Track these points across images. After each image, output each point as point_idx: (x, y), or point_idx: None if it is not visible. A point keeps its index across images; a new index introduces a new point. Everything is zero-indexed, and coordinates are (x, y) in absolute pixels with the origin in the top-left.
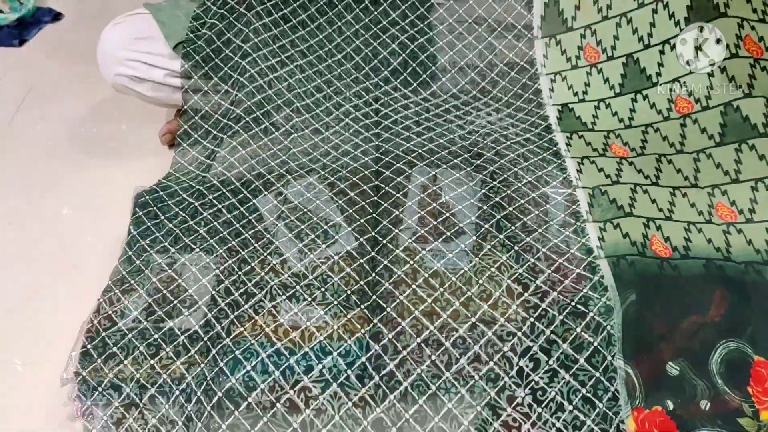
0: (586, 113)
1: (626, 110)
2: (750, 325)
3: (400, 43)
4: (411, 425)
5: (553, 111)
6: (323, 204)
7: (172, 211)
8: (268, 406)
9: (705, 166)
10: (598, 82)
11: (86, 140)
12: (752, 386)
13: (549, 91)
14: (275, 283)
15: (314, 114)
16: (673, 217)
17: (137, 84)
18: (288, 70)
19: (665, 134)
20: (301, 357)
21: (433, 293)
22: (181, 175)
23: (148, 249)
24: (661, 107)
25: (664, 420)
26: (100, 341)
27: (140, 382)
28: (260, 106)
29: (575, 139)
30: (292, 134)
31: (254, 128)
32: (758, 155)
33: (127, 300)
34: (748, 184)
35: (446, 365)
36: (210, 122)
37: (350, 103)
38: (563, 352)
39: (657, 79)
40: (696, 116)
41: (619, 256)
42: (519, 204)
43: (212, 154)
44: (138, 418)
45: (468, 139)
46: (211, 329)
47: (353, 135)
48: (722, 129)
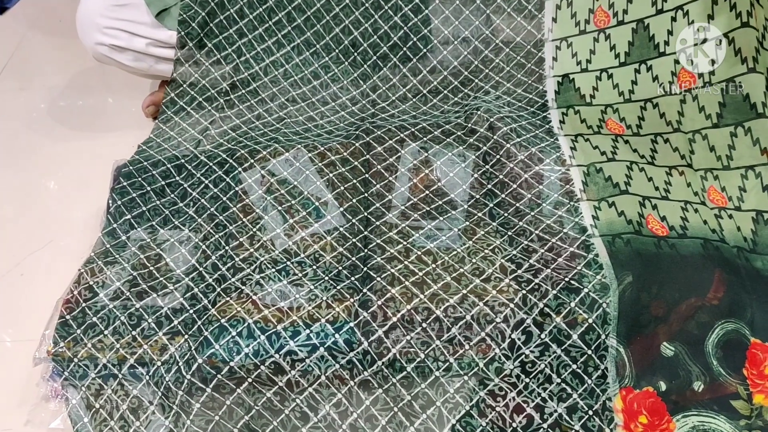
0: (587, 85)
1: (628, 82)
2: (749, 307)
3: (401, 16)
4: (397, 388)
5: (552, 84)
6: (312, 176)
7: (158, 183)
8: (252, 369)
9: (699, 147)
10: (604, 50)
11: (68, 112)
12: (748, 368)
13: (552, 60)
14: (265, 258)
15: (309, 102)
16: (669, 196)
17: (118, 53)
18: (285, 54)
19: (663, 111)
20: (289, 324)
21: (424, 268)
22: (162, 141)
23: (134, 225)
24: (663, 80)
25: (654, 401)
26: (79, 311)
27: (119, 352)
28: (255, 94)
29: (570, 115)
30: (285, 119)
31: (247, 115)
32: (752, 140)
33: (110, 271)
34: (738, 172)
35: (437, 333)
36: (197, 89)
37: (347, 94)
38: (556, 326)
39: (665, 48)
40: (696, 92)
41: (615, 235)
42: (511, 189)
43: (204, 131)
44: (117, 389)
45: (462, 114)
46: (198, 303)
47: (348, 126)
48: (720, 109)
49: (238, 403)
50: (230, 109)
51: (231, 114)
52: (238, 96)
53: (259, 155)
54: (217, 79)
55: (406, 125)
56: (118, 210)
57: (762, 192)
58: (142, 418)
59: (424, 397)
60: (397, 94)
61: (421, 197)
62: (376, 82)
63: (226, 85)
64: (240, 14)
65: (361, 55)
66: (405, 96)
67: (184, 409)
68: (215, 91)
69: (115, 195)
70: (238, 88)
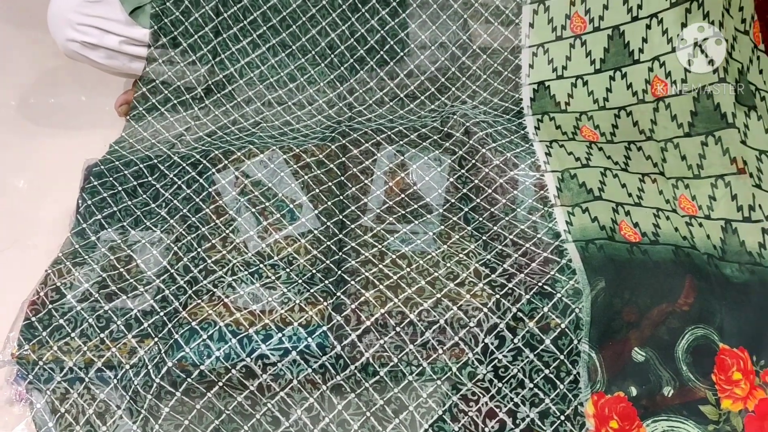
0: (562, 92)
1: (603, 90)
2: (719, 313)
3: (378, 20)
4: (370, 393)
5: (528, 91)
6: (287, 178)
7: (130, 183)
8: (223, 372)
9: (671, 156)
10: (580, 56)
11: (39, 109)
12: (716, 374)
13: (528, 68)
14: (238, 261)
15: (286, 107)
16: (642, 203)
17: (90, 50)
18: (260, 55)
19: (636, 119)
20: (261, 327)
21: (399, 272)
22: (135, 141)
23: (104, 225)
24: (637, 88)
25: (625, 406)
26: (45, 314)
27: (87, 355)
28: (230, 98)
29: (545, 122)
30: (261, 124)
31: (223, 120)
32: (722, 149)
33: (78, 273)
34: (708, 181)
35: (411, 337)
36: (170, 89)
37: (323, 96)
38: (529, 331)
39: (639, 56)
40: (669, 101)
41: (588, 240)
42: (486, 194)
43: (179, 136)
44: (84, 393)
45: (438, 119)
46: (168, 305)
47: (325, 130)
48: (692, 118)
49: (209, 407)
50: (206, 116)
51: (207, 121)
52: (214, 101)
53: (233, 156)
54: (192, 82)
55: (383, 128)
56: (88, 210)
57: (731, 201)
58: (109, 423)
59: (396, 402)
60: (374, 97)
61: (397, 201)
62: (353, 85)
63: (200, 90)
64: (215, 12)
65: (338, 57)
66: (382, 100)
67: (152, 413)
68: (190, 97)
69: (85, 195)
70: (213, 92)
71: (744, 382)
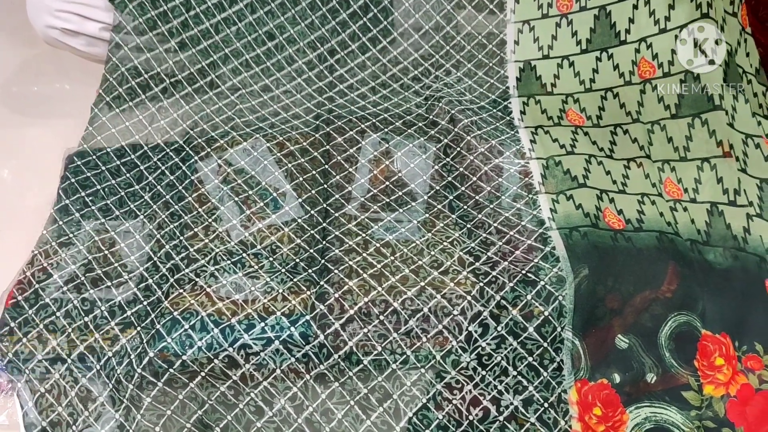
0: (548, 73)
1: (589, 70)
2: (701, 300)
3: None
4: (354, 382)
5: (513, 69)
6: (271, 166)
7: (113, 162)
8: (205, 362)
9: (658, 138)
10: (566, 36)
11: (21, 98)
12: (699, 360)
13: (514, 44)
14: (220, 250)
15: (264, 67)
16: (626, 190)
17: (70, 38)
18: (237, 11)
19: (623, 101)
20: (243, 317)
21: (383, 260)
22: (104, 138)
23: (88, 203)
24: (624, 69)
25: (608, 393)
26: (32, 293)
27: (70, 337)
28: (206, 54)
29: (531, 105)
30: (239, 90)
31: (199, 81)
32: (709, 132)
33: (65, 254)
34: (694, 164)
35: (395, 325)
36: (144, 77)
37: (303, 57)
38: (513, 318)
39: (625, 36)
40: (656, 82)
41: (572, 228)
42: (471, 182)
43: (150, 118)
44: (66, 374)
45: (423, 105)
46: (152, 294)
47: (305, 98)
48: (679, 100)
49: (191, 397)
50: (181, 72)
51: (182, 78)
52: (188, 56)
53: (216, 144)
54: (165, 35)
55: (367, 115)
56: (71, 187)
57: (716, 184)
58: (91, 408)
59: (380, 390)
60: (356, 60)
61: (381, 188)
62: (334, 47)
63: (174, 44)
64: None
65: (320, 19)
66: (364, 64)
67: (134, 403)
68: (167, 73)
69: (68, 173)
70: (188, 47)
71: (726, 367)
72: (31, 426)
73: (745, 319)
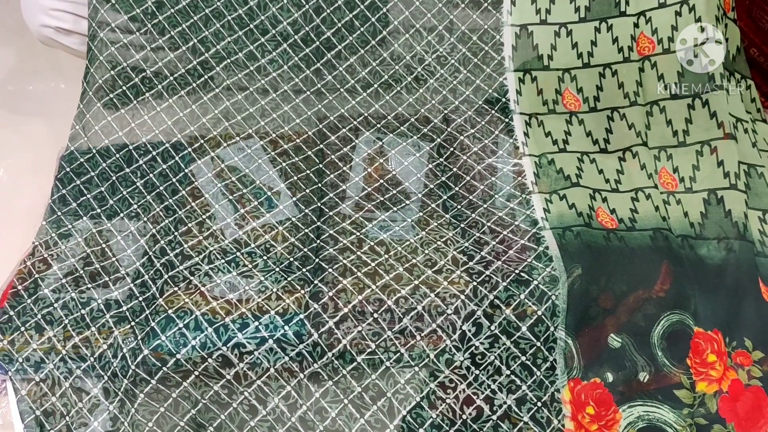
0: (545, 41)
1: (587, 42)
2: (693, 298)
3: None
4: (347, 380)
5: (509, 34)
6: (265, 165)
7: (109, 155)
8: (199, 361)
9: (656, 121)
10: (564, 2)
11: (17, 97)
12: (691, 358)
13: (511, 5)
14: (214, 248)
15: (248, 31)
16: (620, 188)
17: (64, 36)
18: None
19: (622, 80)
20: (237, 316)
21: (377, 258)
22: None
23: (84, 191)
24: (623, 44)
25: (601, 392)
26: (32, 282)
27: (67, 329)
28: (186, 15)
29: (527, 84)
30: (224, 59)
31: (181, 47)
32: (710, 112)
33: (65, 245)
34: (693, 148)
35: (388, 324)
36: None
37: (288, 17)
38: (506, 318)
39: (625, 7)
40: (655, 59)
41: (565, 228)
42: (465, 182)
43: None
44: (60, 365)
45: (415, 91)
46: (147, 290)
47: (292, 70)
48: (678, 78)
49: (185, 396)
50: (160, 35)
51: (163, 42)
52: (168, 17)
53: (209, 135)
54: (145, 17)
55: (360, 109)
56: (66, 176)
57: (716, 168)
58: (85, 400)
59: (374, 389)
60: (344, 19)
61: (375, 187)
62: (319, 3)
63: (151, 3)
64: None
65: None
66: (352, 24)
67: (128, 397)
68: (141, 11)
69: (63, 162)
70: (166, 7)
71: (718, 363)
72: (25, 413)
73: (736, 315)
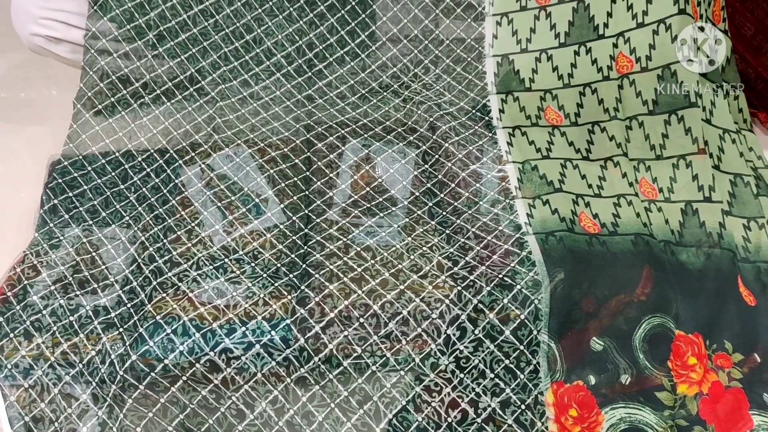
0: (526, 67)
1: (567, 65)
2: (674, 302)
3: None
4: (334, 384)
5: (492, 64)
6: (253, 172)
7: (99, 162)
8: (187, 367)
9: (635, 135)
10: (545, 29)
11: (9, 104)
12: (672, 360)
13: (492, 38)
14: (203, 255)
15: (243, 62)
16: (602, 193)
17: (54, 45)
18: (214, 3)
19: (602, 97)
20: (224, 321)
21: (363, 264)
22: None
23: (76, 204)
24: (602, 64)
25: (584, 395)
26: (21, 289)
27: (55, 335)
28: (185, 48)
29: (509, 103)
30: (219, 85)
31: (179, 75)
32: (684, 128)
33: (55, 255)
34: (670, 162)
35: (374, 328)
36: (124, 72)
37: (282, 50)
38: (489, 322)
39: (603, 30)
40: (634, 77)
41: (548, 233)
42: (450, 189)
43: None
44: (49, 372)
45: (402, 108)
46: (136, 297)
47: (284, 96)
48: (656, 95)
49: (173, 401)
50: (160, 67)
51: (162, 72)
52: (167, 49)
53: (200, 149)
54: (143, 27)
55: (347, 120)
56: (58, 186)
57: (692, 182)
58: (74, 406)
59: (361, 393)
60: (335, 55)
61: (362, 194)
62: (312, 40)
63: (152, 36)
64: None
65: (297, 11)
66: (343, 59)
67: (117, 402)
68: (142, 43)
69: (55, 174)
70: (166, 39)
71: (699, 366)
72: (14, 420)
73: (717, 319)
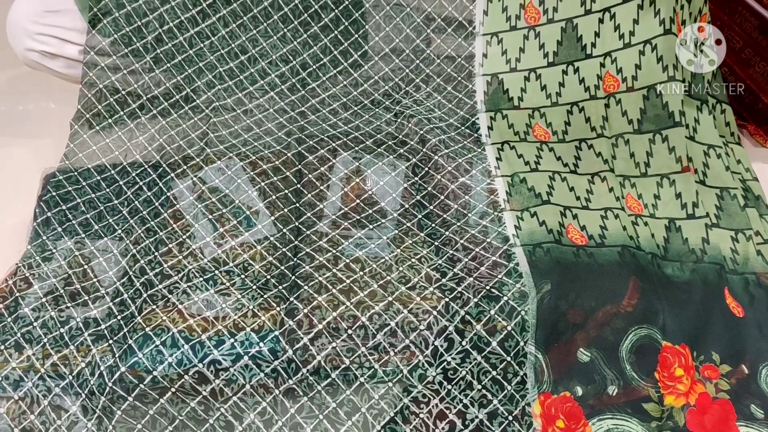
0: (515, 86)
1: (555, 84)
2: (661, 313)
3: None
4: (322, 396)
5: (481, 83)
6: (244, 185)
7: (93, 178)
8: (176, 378)
9: (621, 153)
10: (533, 49)
11: (6, 117)
12: (659, 371)
13: (482, 57)
14: (193, 267)
15: (237, 81)
16: (589, 206)
17: (50, 60)
18: (210, 25)
19: (589, 115)
20: (213, 333)
21: (352, 275)
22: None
23: (69, 217)
24: (589, 84)
25: (571, 406)
26: (12, 301)
27: (46, 347)
28: (180, 69)
29: (498, 120)
30: (213, 102)
31: (175, 96)
32: (669, 148)
33: (47, 267)
34: (654, 180)
35: (362, 340)
36: (121, 93)
37: (276, 70)
38: (476, 333)
39: (591, 50)
40: (620, 96)
41: (535, 244)
42: (439, 201)
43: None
44: (39, 383)
45: (393, 123)
46: (126, 309)
47: (278, 113)
48: (641, 115)
49: (162, 413)
50: (157, 88)
51: (158, 93)
52: (163, 70)
53: (192, 162)
54: (140, 50)
55: (338, 134)
56: (52, 200)
57: (675, 200)
58: (63, 418)
59: (349, 404)
60: (328, 74)
61: (353, 206)
62: (306, 60)
63: (149, 59)
64: None
65: (292, 32)
66: (335, 78)
67: (106, 414)
68: (139, 66)
69: (50, 187)
70: (162, 62)
71: (686, 377)
72: (3, 431)
73: (704, 330)
